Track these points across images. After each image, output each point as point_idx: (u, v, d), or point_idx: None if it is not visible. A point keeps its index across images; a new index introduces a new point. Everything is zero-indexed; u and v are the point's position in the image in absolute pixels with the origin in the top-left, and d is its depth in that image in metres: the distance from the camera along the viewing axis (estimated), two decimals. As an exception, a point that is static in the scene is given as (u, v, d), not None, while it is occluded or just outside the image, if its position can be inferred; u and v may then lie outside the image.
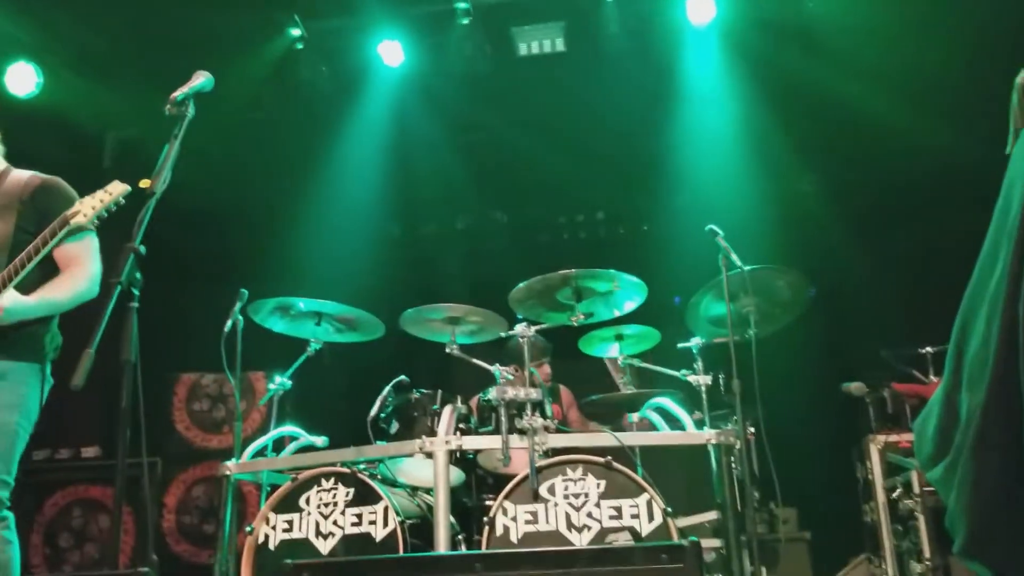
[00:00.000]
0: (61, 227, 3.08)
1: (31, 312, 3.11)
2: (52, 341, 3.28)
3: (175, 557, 6.33)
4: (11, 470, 3.09)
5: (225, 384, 6.63)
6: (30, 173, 3.35)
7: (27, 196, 3.24)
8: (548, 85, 6.48)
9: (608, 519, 3.46)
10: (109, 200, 3.09)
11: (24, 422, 3.14)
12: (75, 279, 3.19)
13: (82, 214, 3.06)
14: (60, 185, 3.30)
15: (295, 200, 7.02)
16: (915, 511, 4.48)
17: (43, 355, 3.24)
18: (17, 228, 3.17)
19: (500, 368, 3.97)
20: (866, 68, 5.80)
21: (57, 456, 6.46)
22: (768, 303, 4.31)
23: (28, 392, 3.16)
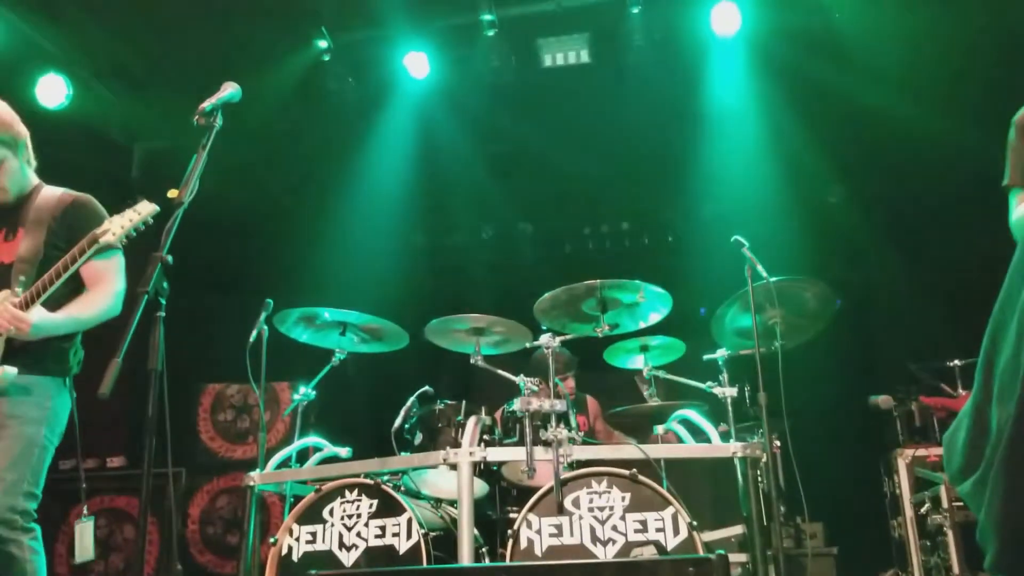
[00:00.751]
0: (90, 245, 3.11)
1: (58, 329, 3.16)
2: (76, 355, 3.33)
3: (199, 567, 6.36)
4: (39, 483, 3.13)
5: (250, 394, 6.66)
6: (62, 191, 3.39)
7: (59, 213, 3.28)
8: (573, 96, 6.48)
9: (633, 532, 3.42)
10: (138, 219, 3.12)
11: (51, 435, 3.18)
12: (100, 297, 3.23)
13: (111, 233, 3.09)
14: (91, 203, 3.33)
15: (321, 210, 7.06)
16: (944, 526, 4.41)
17: (67, 369, 3.28)
18: (47, 244, 3.21)
19: (525, 379, 3.95)
20: (894, 76, 5.75)
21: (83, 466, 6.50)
22: (795, 315, 4.27)
23: (54, 405, 3.20)
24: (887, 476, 5.03)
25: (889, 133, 6.16)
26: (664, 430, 4.23)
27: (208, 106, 2.82)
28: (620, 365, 4.81)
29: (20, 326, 3.01)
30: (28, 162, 3.41)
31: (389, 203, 7.09)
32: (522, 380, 3.93)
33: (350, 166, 6.87)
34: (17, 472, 3.03)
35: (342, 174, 6.92)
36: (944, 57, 5.56)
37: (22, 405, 3.10)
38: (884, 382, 5.44)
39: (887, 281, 6.76)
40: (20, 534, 3.00)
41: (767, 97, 6.23)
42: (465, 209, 7.59)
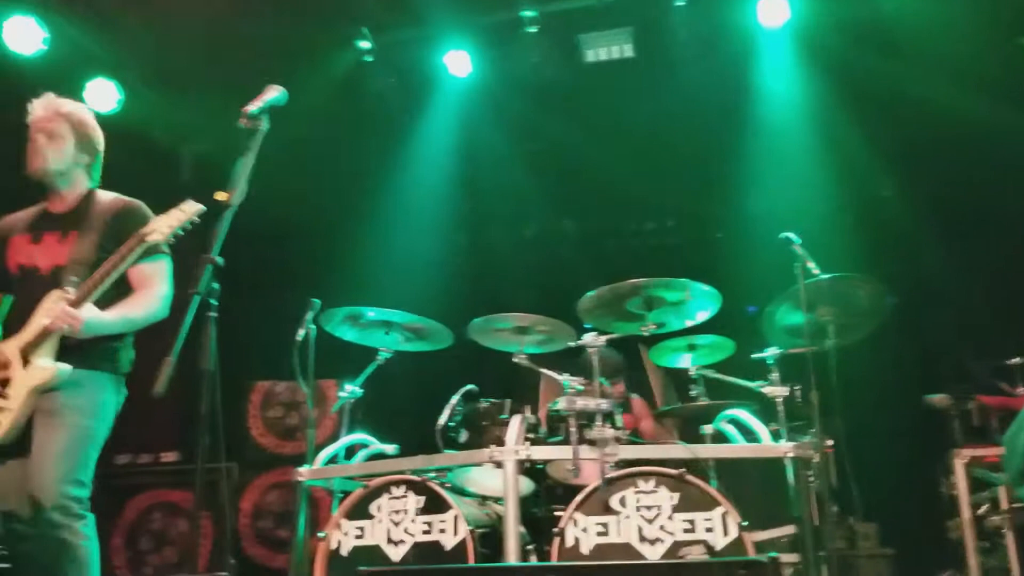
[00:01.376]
0: (137, 244, 3.19)
1: (108, 327, 3.25)
2: (126, 355, 3.43)
3: (250, 561, 6.45)
4: (89, 473, 3.22)
5: (298, 392, 6.73)
6: (114, 196, 3.50)
7: (109, 217, 3.38)
8: (616, 91, 6.44)
9: (682, 532, 3.39)
10: (184, 219, 3.19)
11: (101, 428, 3.28)
12: (149, 299, 3.33)
13: (158, 232, 3.16)
14: (140, 207, 3.43)
15: (365, 211, 7.11)
16: (1002, 528, 4.29)
17: (118, 367, 3.38)
18: (99, 247, 3.31)
19: (570, 378, 3.93)
20: (948, 67, 5.60)
21: (138, 461, 6.64)
22: (847, 312, 4.19)
23: (104, 400, 3.30)
24: (943, 477, 4.91)
25: (943, 125, 6.00)
26: (713, 430, 4.18)
27: (254, 109, 2.87)
28: (666, 364, 4.76)
29: (73, 323, 3.12)
30: (91, 169, 3.54)
31: (432, 202, 7.11)
32: (567, 379, 3.91)
33: (393, 166, 6.91)
34: (70, 461, 3.14)
35: (385, 174, 6.96)
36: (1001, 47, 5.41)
37: (74, 397, 3.20)
38: (940, 381, 5.31)
39: (943, 277, 6.60)
40: (74, 520, 3.10)
41: (816, 90, 6.12)
42: (507, 208, 7.58)
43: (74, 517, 3.10)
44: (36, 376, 3.16)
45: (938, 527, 5.04)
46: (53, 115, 3.46)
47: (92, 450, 3.23)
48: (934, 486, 5.09)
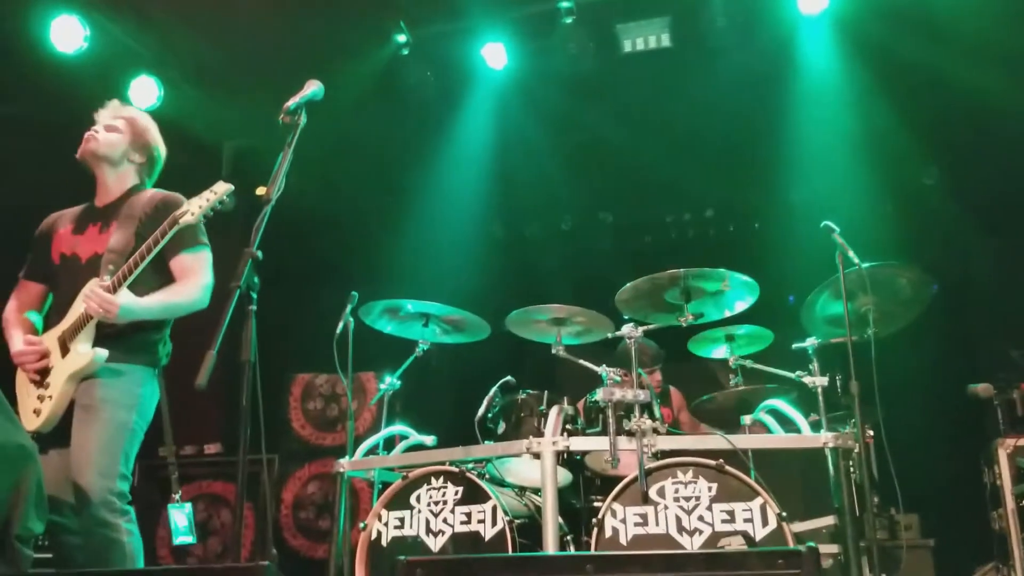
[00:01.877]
0: (171, 226, 3.21)
1: (145, 312, 3.24)
2: (164, 347, 3.44)
3: (292, 551, 6.54)
4: (130, 466, 3.24)
5: (338, 384, 6.81)
6: (154, 190, 3.55)
7: (149, 209, 3.41)
8: (654, 82, 6.39)
9: (720, 523, 3.39)
10: (214, 199, 3.22)
11: (140, 421, 3.28)
12: (189, 287, 3.33)
13: (190, 213, 3.19)
14: (179, 200, 3.43)
15: (402, 204, 7.15)
16: (1048, 518, 4.22)
17: (156, 360, 3.40)
18: (136, 236, 3.33)
19: (608, 369, 3.93)
20: (993, 53, 5.48)
21: (181, 453, 6.75)
22: (888, 301, 4.13)
23: (143, 392, 3.31)
24: (987, 467, 4.83)
25: (987, 112, 5.89)
26: (751, 420, 4.16)
27: (292, 105, 2.90)
28: (705, 355, 4.73)
29: (109, 308, 3.11)
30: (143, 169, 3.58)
31: (468, 195, 7.13)
32: (604, 370, 3.91)
33: (430, 159, 6.94)
34: (110, 455, 3.14)
35: (422, 167, 6.99)
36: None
37: (113, 390, 3.21)
38: (984, 370, 5.22)
39: (987, 265, 6.48)
40: (118, 516, 3.11)
41: (856, 77, 6.02)
42: (544, 200, 7.57)
43: (117, 513, 3.12)
44: (74, 362, 3.18)
45: (981, 518, 4.97)
46: (115, 114, 3.55)
47: (131, 443, 3.24)
48: (977, 476, 5.01)
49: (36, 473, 2.88)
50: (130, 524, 3.16)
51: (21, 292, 3.55)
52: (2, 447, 2.67)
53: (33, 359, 3.27)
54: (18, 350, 3.31)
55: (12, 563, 2.59)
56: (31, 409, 3.25)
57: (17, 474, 2.73)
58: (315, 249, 7.13)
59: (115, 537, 3.09)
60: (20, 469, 2.76)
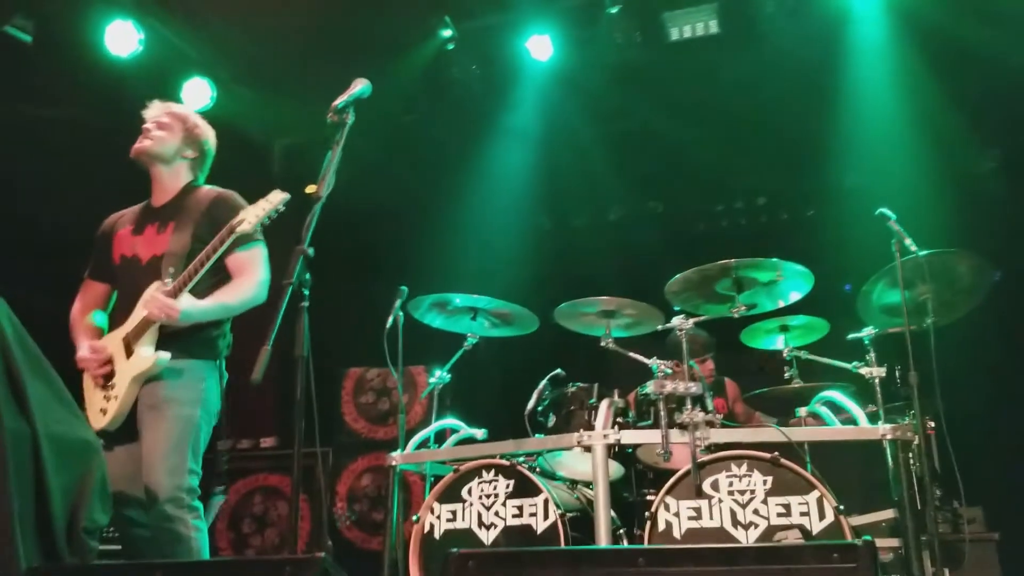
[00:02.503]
0: (228, 235, 3.27)
1: (205, 315, 3.33)
2: (224, 340, 3.51)
3: (347, 543, 6.62)
4: (199, 461, 3.32)
5: (389, 378, 6.86)
6: (209, 188, 3.61)
7: (204, 208, 3.48)
8: (702, 70, 6.31)
9: (776, 516, 3.33)
10: (270, 208, 3.27)
11: (206, 415, 3.36)
12: (245, 285, 3.39)
13: (247, 222, 3.25)
14: (233, 197, 3.51)
15: (450, 198, 7.17)
16: (1116, 511, 4.08)
17: (217, 353, 3.46)
18: (194, 238, 3.40)
19: (659, 362, 3.89)
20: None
21: (239, 446, 6.88)
22: (948, 290, 4.02)
23: (207, 387, 3.38)
24: (1051, 458, 4.71)
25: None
26: (807, 412, 4.09)
27: (340, 103, 2.93)
28: (758, 346, 4.66)
29: (171, 313, 3.20)
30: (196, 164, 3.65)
31: (515, 188, 7.12)
32: (655, 363, 3.88)
33: (477, 152, 6.95)
34: (179, 453, 3.22)
35: (469, 161, 7.00)
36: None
37: (177, 388, 3.29)
38: (1049, 358, 5.08)
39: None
40: (186, 512, 3.18)
41: (911, 61, 5.88)
42: (591, 191, 7.53)
43: (187, 509, 3.19)
44: (138, 365, 3.27)
45: (1047, 509, 4.84)
46: (165, 112, 3.62)
47: (198, 438, 3.32)
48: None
49: (100, 467, 2.95)
50: (198, 520, 3.24)
51: (86, 292, 3.65)
52: (68, 441, 2.75)
53: (95, 365, 3.37)
54: (82, 355, 3.41)
55: (79, 554, 2.66)
56: (98, 408, 3.34)
57: (82, 468, 2.80)
58: (365, 244, 7.19)
59: (182, 532, 3.16)
60: (85, 463, 2.83)
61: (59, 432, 2.70)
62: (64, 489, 2.68)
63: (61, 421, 2.74)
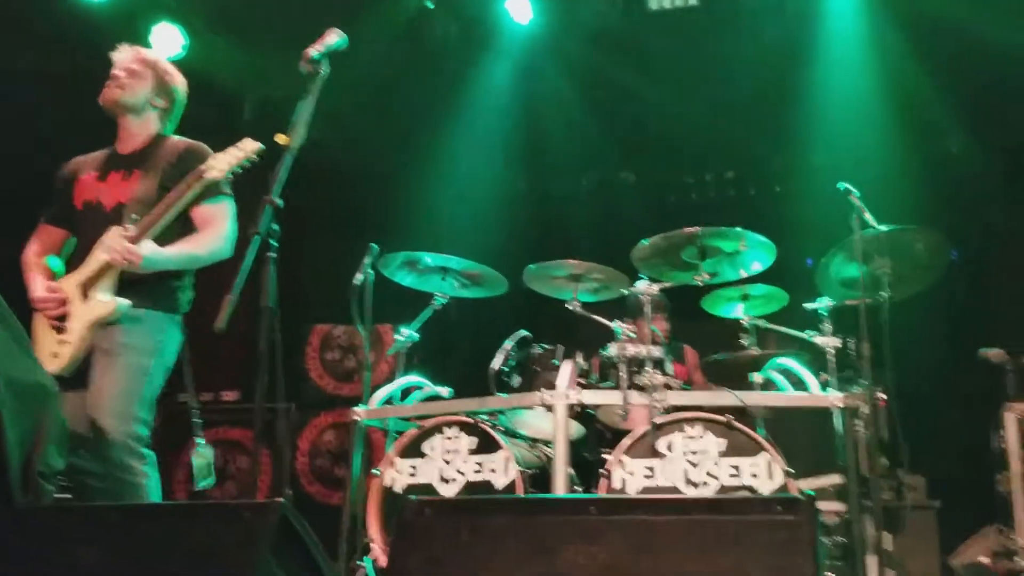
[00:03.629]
0: (195, 180, 3.22)
1: (168, 263, 3.28)
2: (186, 295, 3.46)
3: (308, 497, 6.67)
4: (150, 411, 3.28)
5: (356, 335, 6.86)
6: (179, 138, 3.55)
7: (173, 158, 3.41)
8: (680, 40, 6.33)
9: (727, 477, 3.44)
10: (242, 157, 3.21)
11: (159, 367, 3.31)
12: (212, 237, 3.34)
13: (216, 170, 3.20)
14: (203, 149, 3.43)
15: (424, 157, 7.15)
16: (1051, 482, 4.25)
17: (178, 306, 3.42)
18: (161, 187, 3.33)
19: (622, 325, 3.97)
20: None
21: (200, 398, 6.86)
22: (904, 266, 4.12)
23: (165, 339, 3.34)
24: (994, 431, 4.86)
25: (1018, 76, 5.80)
26: (762, 378, 4.20)
27: (314, 54, 2.91)
28: (719, 313, 4.76)
29: (132, 258, 3.14)
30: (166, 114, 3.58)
31: (491, 150, 7.13)
32: (618, 326, 3.95)
33: (454, 112, 6.92)
34: (130, 400, 3.19)
35: (446, 120, 6.98)
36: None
37: (135, 335, 3.24)
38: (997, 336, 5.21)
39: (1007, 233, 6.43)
40: (136, 459, 3.16)
41: (884, 38, 5.95)
42: (567, 157, 7.54)
43: (136, 456, 3.16)
44: (95, 310, 3.21)
45: (986, 481, 5.00)
46: (136, 58, 3.52)
47: (150, 388, 3.27)
48: (984, 440, 5.04)
49: (57, 411, 2.94)
50: (148, 467, 3.21)
51: (42, 236, 3.56)
52: (24, 385, 2.72)
53: (53, 306, 3.29)
54: (39, 296, 3.33)
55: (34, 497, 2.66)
56: (50, 352, 3.27)
57: (39, 411, 2.79)
58: (337, 199, 7.16)
59: (133, 480, 3.14)
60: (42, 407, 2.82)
61: (17, 376, 2.67)
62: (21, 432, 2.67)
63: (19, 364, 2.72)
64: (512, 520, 1.91)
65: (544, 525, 1.85)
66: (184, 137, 3.58)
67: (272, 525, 1.96)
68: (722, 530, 1.69)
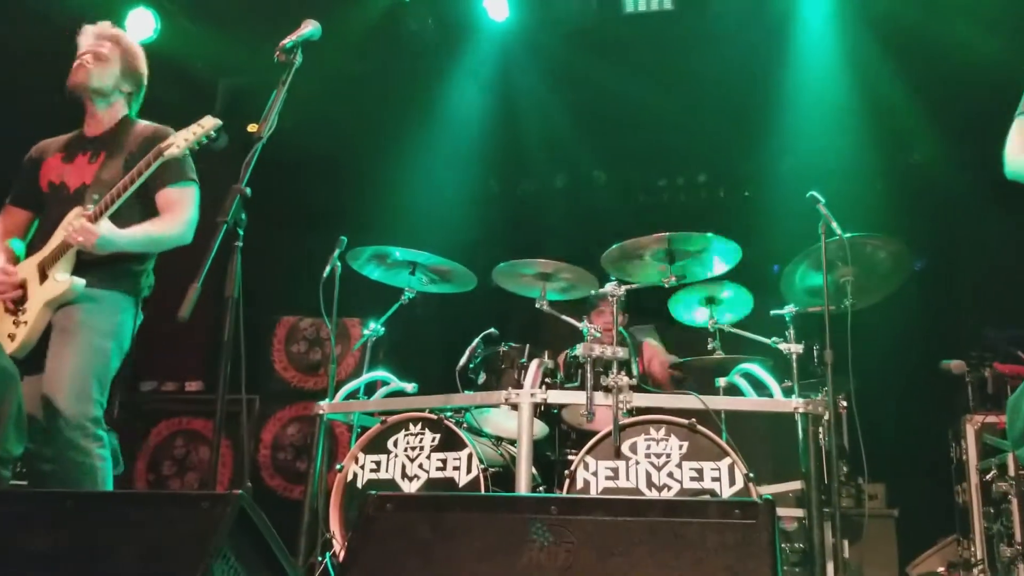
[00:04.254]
0: (155, 158, 3.18)
1: (125, 244, 3.23)
2: (146, 279, 3.43)
3: (269, 490, 6.63)
4: (105, 392, 3.23)
5: (322, 328, 6.84)
6: (146, 123, 3.52)
7: (140, 140, 3.40)
8: (654, 43, 6.36)
9: (689, 480, 3.46)
10: (201, 133, 3.18)
11: (117, 348, 3.28)
12: (172, 221, 3.32)
13: (175, 146, 3.16)
14: (168, 132, 3.39)
15: (397, 151, 7.13)
16: (1009, 494, 4.34)
17: (138, 289, 3.38)
18: (125, 170, 3.30)
19: (589, 325, 3.98)
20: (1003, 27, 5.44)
21: (163, 388, 6.80)
22: (868, 274, 4.19)
23: (122, 321, 3.30)
24: (954, 442, 4.95)
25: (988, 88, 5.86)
26: (726, 383, 4.23)
27: (288, 43, 2.90)
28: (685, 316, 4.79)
29: (88, 237, 3.10)
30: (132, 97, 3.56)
31: (465, 147, 7.10)
32: (586, 326, 3.97)
33: (428, 108, 6.90)
34: (85, 380, 3.14)
35: (420, 116, 6.96)
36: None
37: (93, 315, 3.21)
38: (959, 347, 5.31)
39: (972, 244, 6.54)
40: (91, 441, 3.11)
41: (857, 48, 6.01)
42: (540, 156, 7.55)
43: (91, 438, 3.12)
44: (52, 290, 3.18)
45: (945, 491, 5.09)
46: (104, 40, 3.48)
47: (107, 369, 3.23)
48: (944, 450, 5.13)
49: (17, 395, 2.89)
50: (103, 449, 3.17)
51: (6, 217, 3.53)
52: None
53: (8, 289, 3.25)
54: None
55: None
56: (5, 334, 3.24)
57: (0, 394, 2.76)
58: (307, 191, 7.11)
59: (87, 461, 3.10)
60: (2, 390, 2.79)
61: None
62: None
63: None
64: (473, 517, 1.91)
65: (505, 523, 1.85)
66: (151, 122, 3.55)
67: (230, 517, 1.94)
68: (681, 532, 1.70)
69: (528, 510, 1.82)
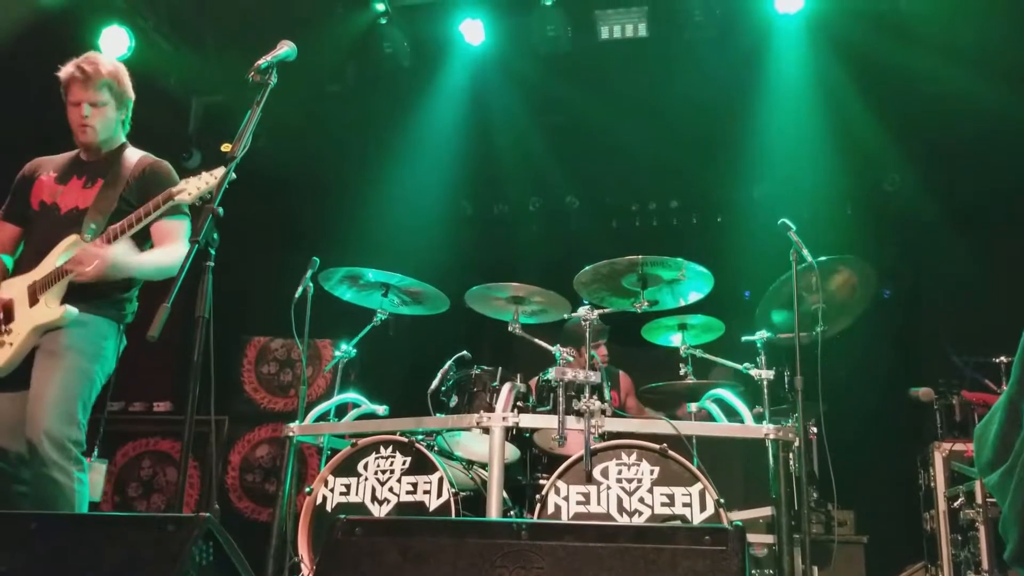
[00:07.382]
0: (165, 201, 3.23)
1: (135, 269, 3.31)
2: (131, 305, 3.48)
3: (237, 512, 6.54)
4: (87, 415, 3.26)
5: (293, 349, 6.80)
6: (142, 154, 3.57)
7: (137, 173, 3.45)
8: (629, 70, 6.43)
9: (660, 506, 3.45)
10: (213, 183, 3.20)
11: (101, 372, 3.32)
12: (174, 252, 3.36)
13: (187, 192, 3.17)
14: (166, 168, 3.52)
15: (371, 173, 7.13)
16: (976, 521, 4.38)
17: (123, 316, 3.44)
18: (121, 199, 3.38)
19: (561, 349, 3.98)
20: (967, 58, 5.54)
21: (131, 408, 6.72)
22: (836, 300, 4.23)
23: (107, 346, 3.35)
24: (923, 469, 4.99)
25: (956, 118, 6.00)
26: (697, 408, 4.24)
27: (264, 63, 2.91)
28: (657, 342, 4.81)
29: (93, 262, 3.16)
30: (124, 122, 3.59)
31: (439, 169, 7.12)
32: (558, 350, 3.96)
33: (403, 130, 6.92)
34: (70, 402, 3.17)
35: (394, 138, 6.97)
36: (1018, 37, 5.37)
37: (80, 339, 3.25)
38: (927, 374, 5.37)
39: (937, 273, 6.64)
40: (71, 463, 3.13)
41: (828, 78, 6.11)
42: (514, 179, 7.58)
43: (72, 460, 3.13)
44: (43, 315, 3.22)
45: (913, 517, 5.13)
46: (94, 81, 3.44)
47: (90, 392, 3.27)
48: (913, 477, 5.17)
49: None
50: (81, 473, 3.18)
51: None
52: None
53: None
54: None
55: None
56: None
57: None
58: (280, 212, 7.09)
59: (65, 482, 3.10)
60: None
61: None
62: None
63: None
64: (443, 542, 1.90)
65: (475, 548, 1.84)
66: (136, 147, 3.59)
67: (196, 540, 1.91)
68: (650, 558, 1.69)
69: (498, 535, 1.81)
